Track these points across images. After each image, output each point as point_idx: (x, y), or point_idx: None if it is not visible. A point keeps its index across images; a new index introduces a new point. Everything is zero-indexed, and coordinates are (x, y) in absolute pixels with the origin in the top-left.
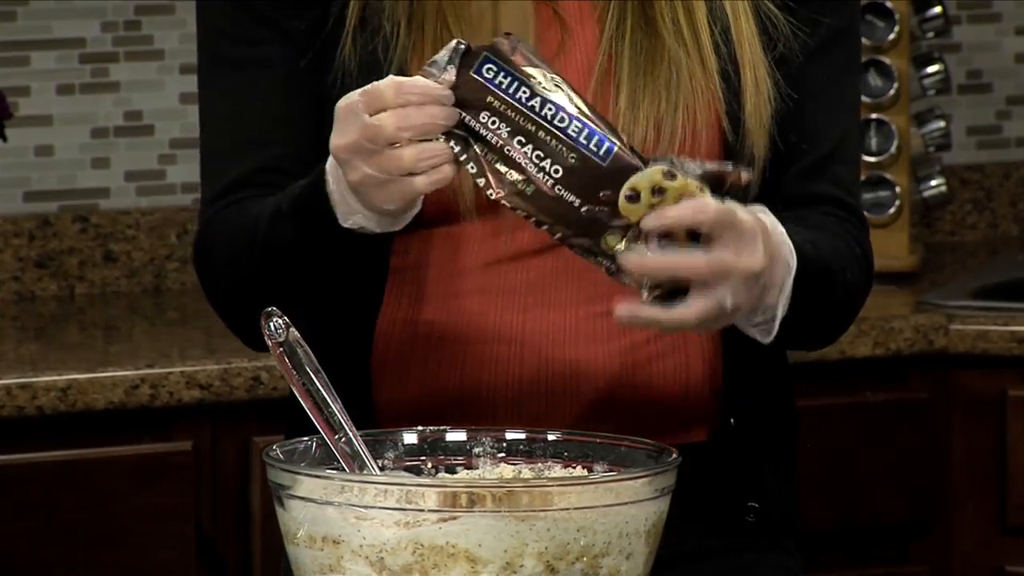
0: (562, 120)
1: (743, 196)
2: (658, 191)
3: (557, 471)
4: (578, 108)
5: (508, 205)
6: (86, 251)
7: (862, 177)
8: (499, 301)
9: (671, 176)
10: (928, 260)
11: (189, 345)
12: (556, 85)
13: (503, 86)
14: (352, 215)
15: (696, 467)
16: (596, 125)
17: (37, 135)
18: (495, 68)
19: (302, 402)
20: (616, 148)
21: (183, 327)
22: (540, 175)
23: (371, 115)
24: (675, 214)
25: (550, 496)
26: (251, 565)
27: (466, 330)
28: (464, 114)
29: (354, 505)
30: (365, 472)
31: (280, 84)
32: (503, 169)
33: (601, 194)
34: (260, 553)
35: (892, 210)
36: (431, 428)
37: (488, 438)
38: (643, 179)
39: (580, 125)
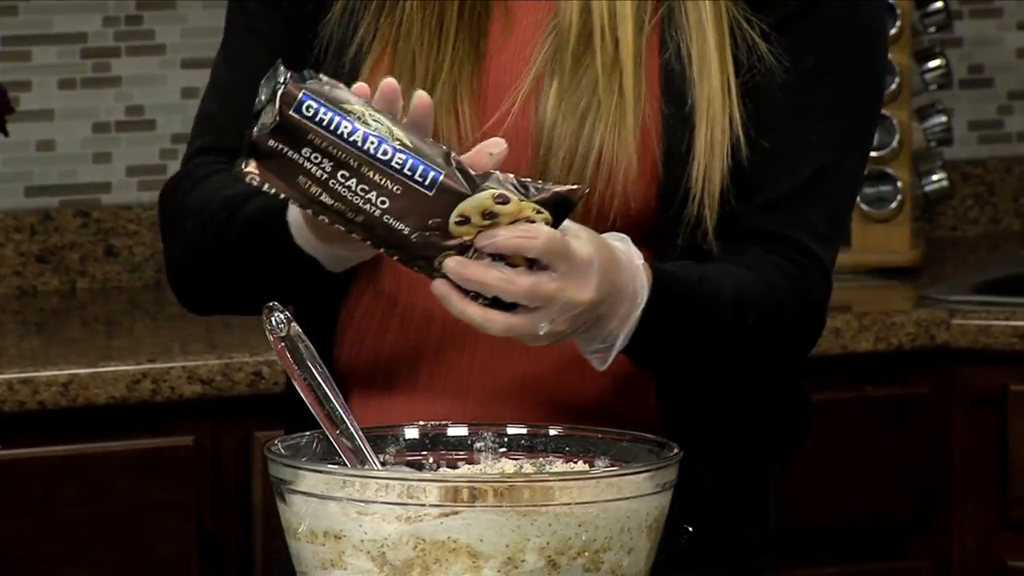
0: (384, 153)
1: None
2: (489, 215)
3: (558, 466)
4: (400, 141)
5: (343, 230)
6: (87, 246)
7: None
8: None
9: (503, 200)
10: (929, 255)
11: (190, 340)
12: (376, 120)
13: (323, 122)
14: (306, 246)
15: None
16: (420, 156)
17: (38, 130)
18: (315, 105)
19: (303, 396)
20: (442, 176)
21: (184, 322)
22: (367, 206)
23: None
24: (503, 236)
25: (552, 491)
26: (252, 560)
27: (422, 298)
28: (287, 149)
29: (355, 500)
30: (366, 467)
31: (270, 55)
32: (329, 201)
33: (430, 221)
34: (261, 548)
35: (894, 205)
36: (432, 423)
37: (489, 433)
38: (471, 205)
39: (403, 157)
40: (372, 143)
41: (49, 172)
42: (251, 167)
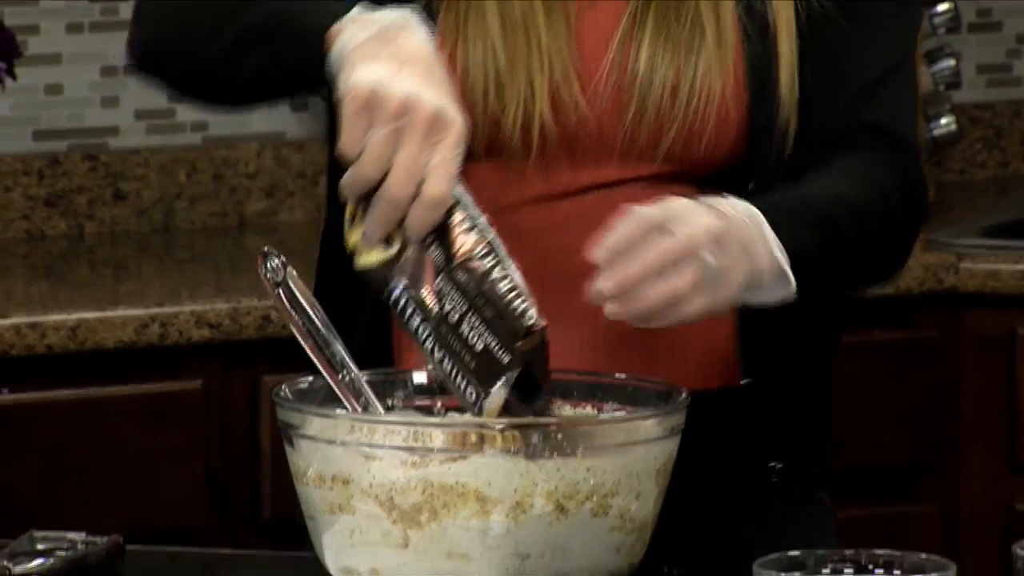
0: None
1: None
2: None
3: (567, 411)
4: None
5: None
6: (95, 190)
7: None
8: (508, 246)
9: None
10: (938, 199)
11: (199, 284)
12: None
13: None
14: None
15: (717, 417)
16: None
17: (46, 74)
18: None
19: (302, 343)
20: None
21: (193, 266)
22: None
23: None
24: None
25: (560, 436)
26: (260, 504)
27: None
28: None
29: (363, 444)
30: (370, 411)
31: None
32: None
33: None
34: (269, 492)
35: None
36: None
37: None
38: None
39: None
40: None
41: (57, 116)
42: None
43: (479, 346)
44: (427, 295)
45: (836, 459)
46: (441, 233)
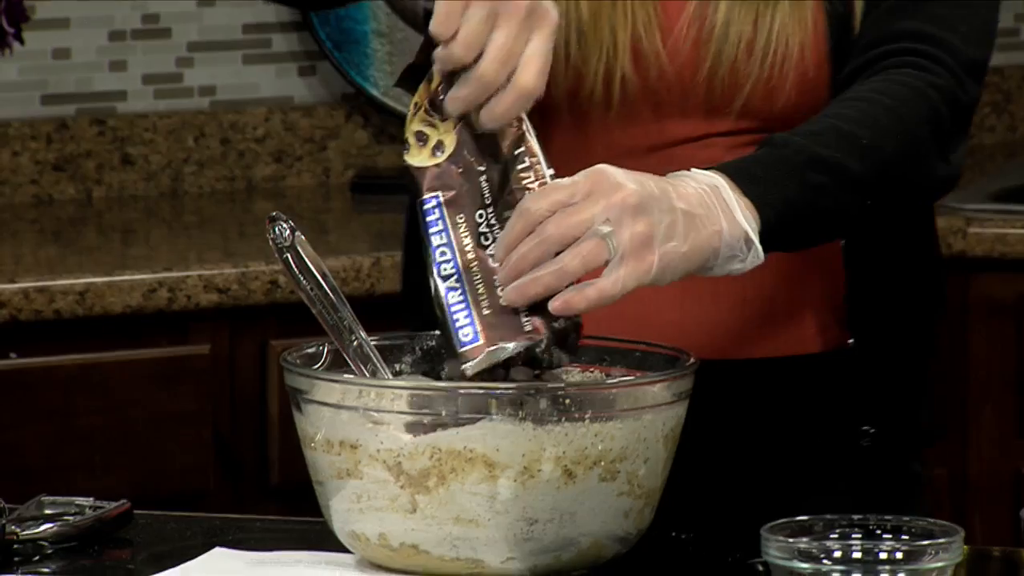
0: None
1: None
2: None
3: (575, 375)
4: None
5: None
6: (103, 154)
7: None
8: None
9: None
10: None
11: (207, 248)
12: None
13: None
14: None
15: (807, 382)
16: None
17: (54, 38)
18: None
19: (310, 307)
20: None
21: (201, 230)
22: None
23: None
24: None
25: (568, 401)
26: (268, 469)
27: None
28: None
29: (371, 409)
30: (378, 376)
31: None
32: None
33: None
34: (277, 457)
35: None
36: None
37: None
38: None
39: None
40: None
41: (65, 80)
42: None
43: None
44: (464, 223)
45: (932, 428)
46: (505, 169)
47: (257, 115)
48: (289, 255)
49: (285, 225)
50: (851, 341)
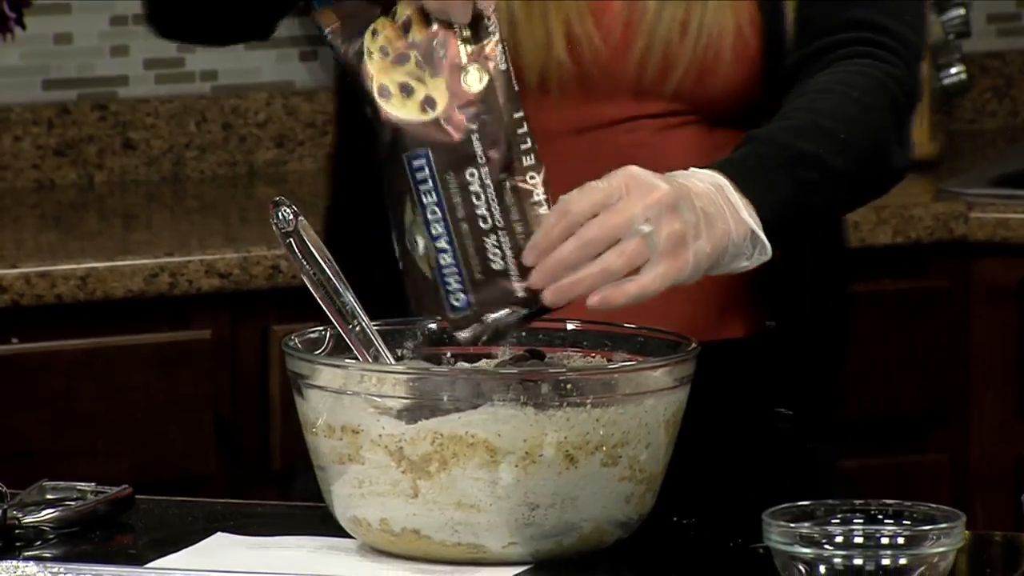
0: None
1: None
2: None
3: (576, 361)
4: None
5: None
6: (105, 139)
7: None
8: None
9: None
10: (948, 148)
11: (208, 233)
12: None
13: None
14: None
15: (728, 366)
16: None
17: (56, 23)
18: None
19: (313, 292)
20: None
21: (202, 215)
22: None
23: None
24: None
25: (570, 386)
26: (269, 453)
27: None
28: None
29: (373, 395)
30: (380, 361)
31: None
32: None
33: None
34: (279, 442)
35: None
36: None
37: None
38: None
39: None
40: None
41: (67, 65)
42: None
43: (497, 265)
44: (454, 181)
45: (840, 411)
46: (495, 133)
47: (258, 100)
48: (292, 240)
49: (288, 210)
50: (771, 323)
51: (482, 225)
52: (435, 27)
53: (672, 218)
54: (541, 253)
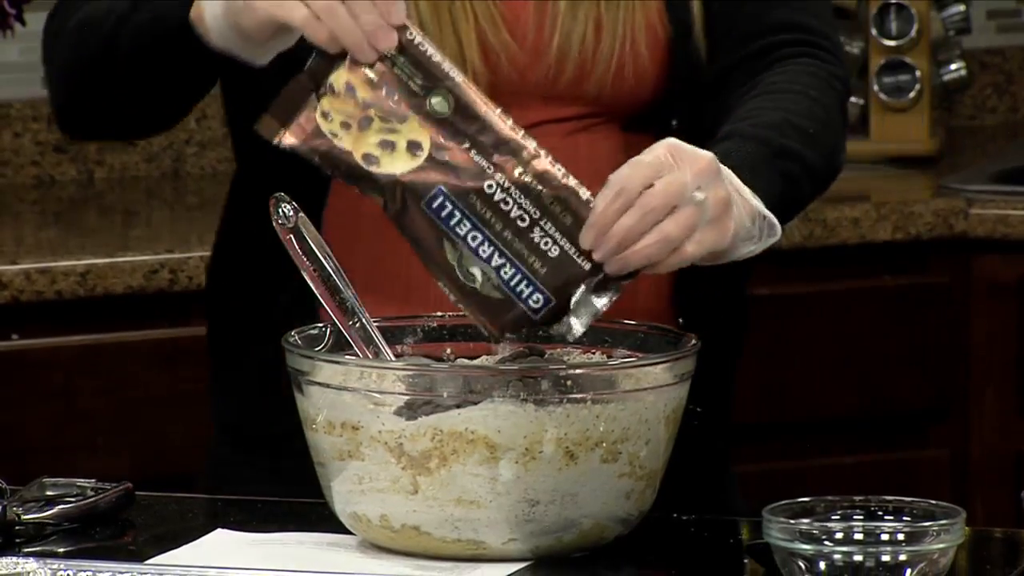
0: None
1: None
2: None
3: (576, 357)
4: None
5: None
6: None
7: (881, 61)
8: None
9: None
10: (948, 144)
11: (208, 230)
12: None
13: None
14: (217, 31)
15: None
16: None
17: None
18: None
19: (314, 288)
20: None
21: (202, 212)
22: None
23: None
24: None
25: (570, 382)
26: None
27: None
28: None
29: (373, 391)
30: (380, 357)
31: None
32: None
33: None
34: None
35: (912, 94)
36: (450, 314)
37: None
38: None
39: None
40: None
41: None
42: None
43: (553, 252)
44: (479, 199)
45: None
46: (488, 139)
47: None
48: (292, 236)
49: (288, 206)
50: (680, 320)
51: (522, 225)
52: (374, 77)
53: (719, 185)
54: (601, 228)
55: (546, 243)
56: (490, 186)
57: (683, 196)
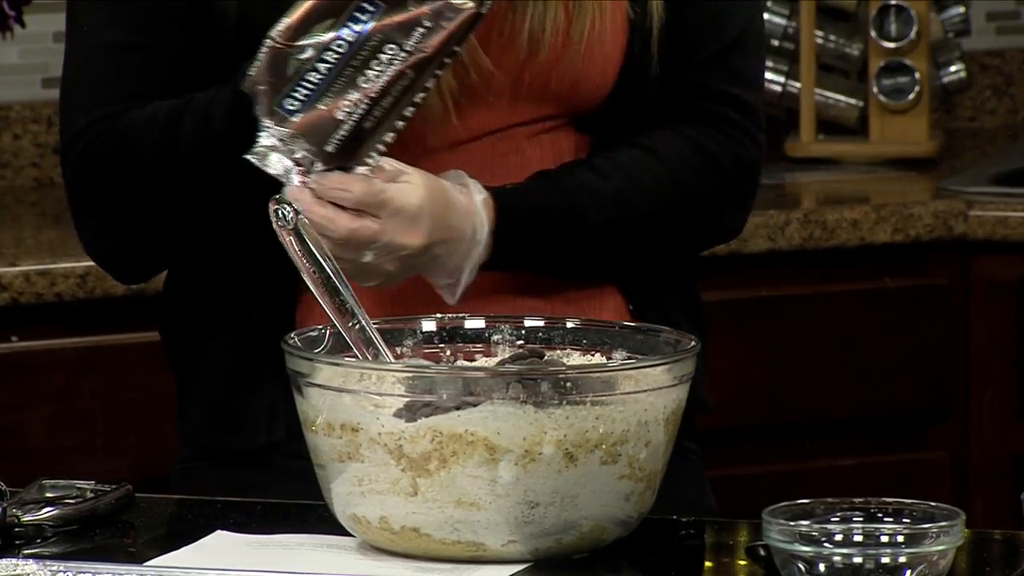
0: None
1: None
2: None
3: (576, 359)
4: None
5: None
6: None
7: (880, 62)
8: None
9: None
10: (947, 146)
11: None
12: None
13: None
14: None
15: None
16: None
17: (55, 21)
18: None
19: (313, 289)
20: None
21: None
22: None
23: None
24: (320, 186)
25: (569, 384)
26: None
27: None
28: None
29: (372, 393)
30: (380, 359)
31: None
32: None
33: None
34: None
35: (912, 96)
36: (449, 315)
37: (507, 326)
38: None
39: None
40: None
41: None
42: None
43: (341, 115)
44: (378, 36)
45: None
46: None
47: None
48: (292, 237)
49: (288, 207)
50: (631, 308)
51: (362, 84)
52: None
53: (397, 263)
54: (334, 184)
55: (348, 106)
56: (391, 48)
57: (361, 249)
